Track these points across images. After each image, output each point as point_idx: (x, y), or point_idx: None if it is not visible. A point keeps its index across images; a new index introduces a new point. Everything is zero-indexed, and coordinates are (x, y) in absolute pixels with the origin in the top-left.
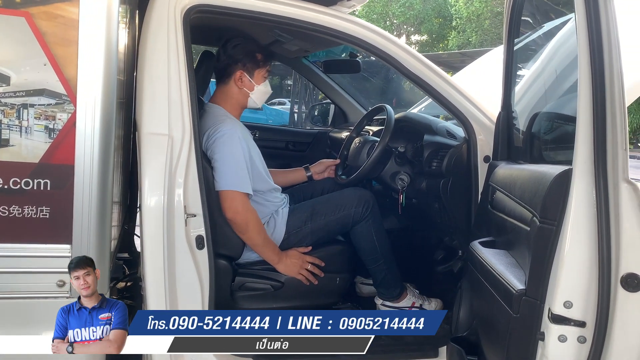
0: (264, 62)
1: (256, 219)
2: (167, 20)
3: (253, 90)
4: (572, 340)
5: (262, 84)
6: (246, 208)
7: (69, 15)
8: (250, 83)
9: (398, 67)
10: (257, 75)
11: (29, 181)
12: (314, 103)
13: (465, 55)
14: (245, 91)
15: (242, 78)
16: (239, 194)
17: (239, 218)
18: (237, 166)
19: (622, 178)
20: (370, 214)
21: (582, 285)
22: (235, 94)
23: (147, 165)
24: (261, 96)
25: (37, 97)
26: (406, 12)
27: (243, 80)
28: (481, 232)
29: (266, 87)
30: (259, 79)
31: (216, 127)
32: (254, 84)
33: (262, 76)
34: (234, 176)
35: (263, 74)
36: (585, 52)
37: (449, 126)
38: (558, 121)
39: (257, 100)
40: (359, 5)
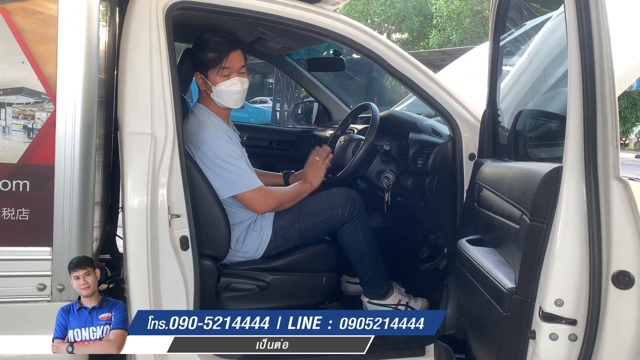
0: (216, 61)
1: (280, 195)
2: (149, 17)
3: (212, 92)
4: (563, 339)
5: (220, 83)
6: (270, 196)
7: (47, 12)
8: (208, 84)
9: (383, 65)
10: (211, 77)
11: (7, 182)
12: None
13: (446, 54)
14: (207, 92)
15: (200, 79)
16: (254, 192)
17: (272, 206)
18: (237, 166)
19: (613, 175)
20: (358, 215)
21: (573, 283)
22: (206, 95)
23: (129, 166)
24: (225, 96)
25: (15, 95)
26: (387, 10)
27: (203, 83)
28: (467, 230)
29: (229, 87)
30: (215, 79)
31: (199, 135)
32: (210, 85)
33: (220, 75)
34: (240, 177)
35: (221, 73)
36: (576, 49)
37: (434, 124)
38: (542, 118)
39: (222, 100)
40: (342, 3)
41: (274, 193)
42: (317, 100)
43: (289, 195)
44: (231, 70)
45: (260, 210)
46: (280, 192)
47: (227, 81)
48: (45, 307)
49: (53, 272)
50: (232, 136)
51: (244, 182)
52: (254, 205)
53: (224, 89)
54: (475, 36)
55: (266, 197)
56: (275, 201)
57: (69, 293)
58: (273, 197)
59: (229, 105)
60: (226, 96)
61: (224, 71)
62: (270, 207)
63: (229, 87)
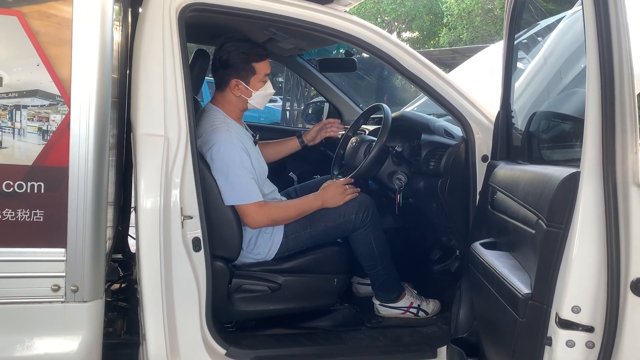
0: (260, 69)
1: (276, 211)
2: (162, 19)
3: (251, 97)
4: (580, 346)
5: (260, 89)
6: (263, 214)
7: (62, 15)
8: (247, 90)
9: (394, 65)
10: (253, 82)
11: (22, 184)
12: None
13: (456, 52)
14: (244, 97)
15: (239, 86)
16: (251, 206)
17: (263, 224)
18: (241, 177)
19: (632, 181)
20: (370, 221)
21: (590, 290)
22: (234, 100)
23: (142, 167)
24: (261, 100)
25: (30, 98)
26: (397, 9)
27: (240, 88)
28: (480, 232)
29: (265, 91)
30: (255, 85)
31: (211, 137)
32: (251, 90)
33: (260, 81)
34: (241, 189)
35: (260, 79)
36: (594, 49)
37: (446, 125)
38: (557, 120)
39: (257, 104)
40: (355, 3)
41: (269, 210)
42: (327, 100)
43: (288, 212)
44: (267, 75)
45: (250, 225)
46: (279, 209)
47: (265, 86)
48: (60, 308)
49: (67, 273)
50: (244, 139)
51: (240, 195)
52: (245, 219)
53: (262, 93)
54: (486, 35)
55: (261, 214)
56: (269, 220)
57: (83, 294)
58: (266, 215)
59: (260, 107)
60: (262, 100)
61: (265, 77)
62: (262, 224)
63: (267, 91)
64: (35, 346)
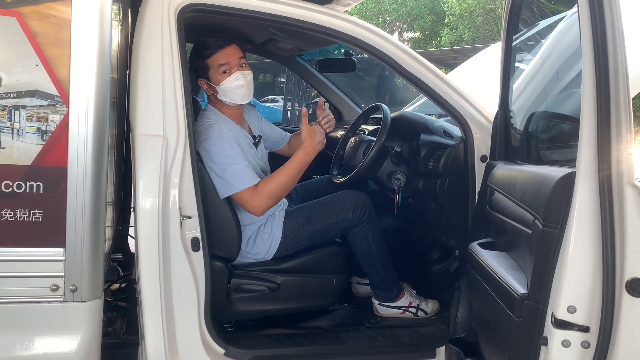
0: (212, 60)
1: (269, 186)
2: (160, 19)
3: (219, 93)
4: (575, 346)
5: (223, 81)
6: (259, 195)
7: (61, 15)
8: (213, 86)
9: (394, 66)
10: (213, 77)
11: (21, 184)
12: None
13: (458, 52)
14: (215, 94)
15: (205, 85)
16: (244, 192)
17: (264, 205)
18: (228, 164)
19: (627, 182)
20: (368, 219)
21: (586, 290)
22: (214, 98)
23: (141, 167)
24: (231, 93)
25: (29, 98)
26: (399, 9)
27: (208, 86)
28: (479, 232)
29: (231, 83)
30: (216, 79)
31: (201, 134)
32: (214, 85)
33: (219, 73)
34: (230, 178)
35: (218, 72)
36: (589, 51)
37: (445, 125)
38: (555, 120)
39: (229, 98)
40: (354, 4)
41: (262, 189)
42: (327, 100)
43: (279, 179)
44: (230, 65)
45: (253, 211)
46: (268, 183)
47: (229, 77)
48: (58, 308)
49: (66, 272)
50: (239, 137)
51: (230, 184)
52: (246, 207)
53: (227, 86)
54: (487, 34)
55: (253, 198)
56: (267, 198)
57: (82, 293)
58: (262, 195)
59: (237, 102)
60: (232, 93)
61: (222, 68)
62: (263, 206)
63: (233, 83)
64: (34, 346)
